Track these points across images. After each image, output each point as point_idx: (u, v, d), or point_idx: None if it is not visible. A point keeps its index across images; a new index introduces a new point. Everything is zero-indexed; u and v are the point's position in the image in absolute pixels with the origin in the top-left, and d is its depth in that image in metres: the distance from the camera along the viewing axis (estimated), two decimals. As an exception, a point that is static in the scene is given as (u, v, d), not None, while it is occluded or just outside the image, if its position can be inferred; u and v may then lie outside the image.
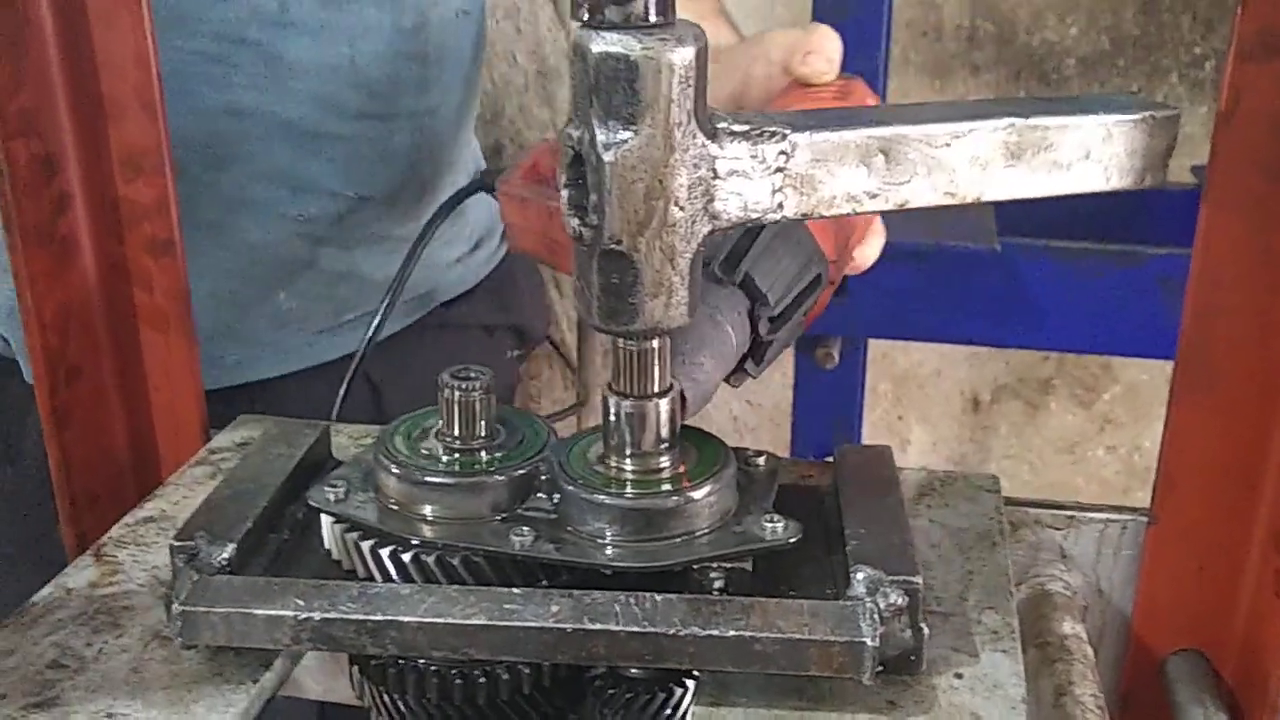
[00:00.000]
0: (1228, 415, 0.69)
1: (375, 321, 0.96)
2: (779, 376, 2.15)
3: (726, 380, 0.71)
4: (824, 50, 0.88)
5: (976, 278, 1.45)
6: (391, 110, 1.12)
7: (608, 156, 0.53)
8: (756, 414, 2.22)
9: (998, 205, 1.54)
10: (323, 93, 1.07)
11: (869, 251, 0.87)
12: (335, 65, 1.06)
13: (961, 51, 1.94)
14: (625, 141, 0.53)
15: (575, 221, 0.56)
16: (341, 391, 0.94)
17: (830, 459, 0.73)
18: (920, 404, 2.16)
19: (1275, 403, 0.68)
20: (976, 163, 0.59)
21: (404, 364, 1.19)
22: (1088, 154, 0.60)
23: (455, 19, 1.16)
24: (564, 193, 0.56)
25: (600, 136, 0.53)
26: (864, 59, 1.56)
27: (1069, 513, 0.78)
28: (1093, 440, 2.13)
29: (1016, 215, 1.52)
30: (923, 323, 1.51)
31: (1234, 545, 0.71)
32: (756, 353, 0.72)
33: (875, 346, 1.99)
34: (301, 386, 1.14)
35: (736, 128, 0.55)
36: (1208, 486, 0.71)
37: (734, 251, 0.70)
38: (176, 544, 0.61)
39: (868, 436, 1.96)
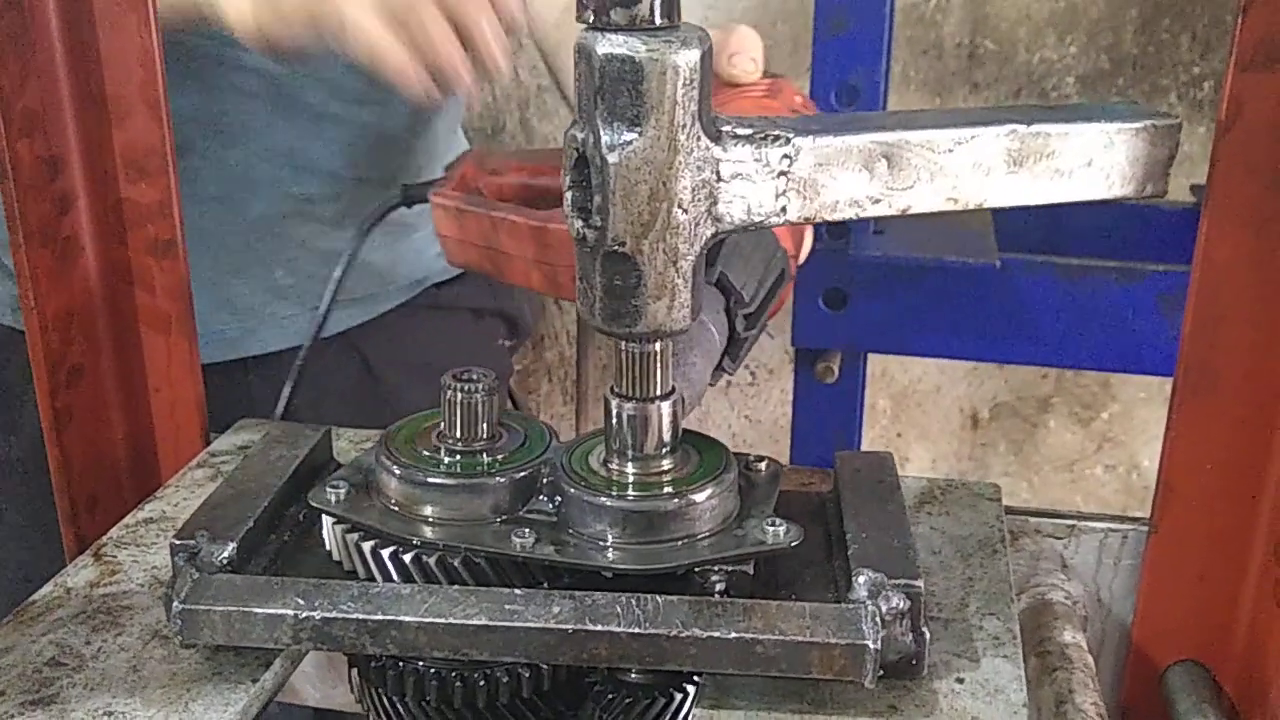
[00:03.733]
0: (1228, 423, 0.70)
1: (320, 315, 0.99)
2: (778, 392, 2.15)
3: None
4: (747, 49, 0.89)
5: (977, 293, 1.45)
6: (388, 95, 1.13)
7: (612, 158, 0.53)
8: (755, 430, 2.22)
9: (998, 222, 1.54)
10: (326, 75, 1.09)
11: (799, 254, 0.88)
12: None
13: (962, 69, 1.94)
14: (630, 143, 0.53)
15: (579, 223, 0.56)
16: (287, 388, 0.97)
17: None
18: (919, 421, 2.16)
19: (1276, 411, 0.68)
20: (979, 169, 0.59)
21: (396, 341, 1.23)
22: (1089, 161, 0.60)
23: None
24: (567, 194, 0.56)
25: (605, 138, 0.53)
26: (864, 75, 1.57)
27: (1069, 522, 0.78)
28: (1091, 459, 2.13)
29: (1017, 231, 1.53)
30: (922, 338, 1.51)
31: (1235, 555, 0.71)
32: (733, 349, 0.73)
33: (874, 363, 1.99)
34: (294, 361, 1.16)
35: (740, 131, 0.56)
36: (1208, 495, 0.71)
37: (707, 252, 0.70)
38: (177, 542, 0.61)
39: (866, 453, 1.95)
